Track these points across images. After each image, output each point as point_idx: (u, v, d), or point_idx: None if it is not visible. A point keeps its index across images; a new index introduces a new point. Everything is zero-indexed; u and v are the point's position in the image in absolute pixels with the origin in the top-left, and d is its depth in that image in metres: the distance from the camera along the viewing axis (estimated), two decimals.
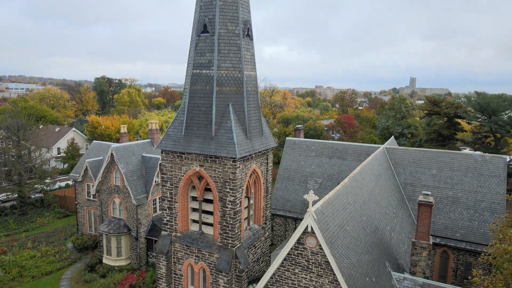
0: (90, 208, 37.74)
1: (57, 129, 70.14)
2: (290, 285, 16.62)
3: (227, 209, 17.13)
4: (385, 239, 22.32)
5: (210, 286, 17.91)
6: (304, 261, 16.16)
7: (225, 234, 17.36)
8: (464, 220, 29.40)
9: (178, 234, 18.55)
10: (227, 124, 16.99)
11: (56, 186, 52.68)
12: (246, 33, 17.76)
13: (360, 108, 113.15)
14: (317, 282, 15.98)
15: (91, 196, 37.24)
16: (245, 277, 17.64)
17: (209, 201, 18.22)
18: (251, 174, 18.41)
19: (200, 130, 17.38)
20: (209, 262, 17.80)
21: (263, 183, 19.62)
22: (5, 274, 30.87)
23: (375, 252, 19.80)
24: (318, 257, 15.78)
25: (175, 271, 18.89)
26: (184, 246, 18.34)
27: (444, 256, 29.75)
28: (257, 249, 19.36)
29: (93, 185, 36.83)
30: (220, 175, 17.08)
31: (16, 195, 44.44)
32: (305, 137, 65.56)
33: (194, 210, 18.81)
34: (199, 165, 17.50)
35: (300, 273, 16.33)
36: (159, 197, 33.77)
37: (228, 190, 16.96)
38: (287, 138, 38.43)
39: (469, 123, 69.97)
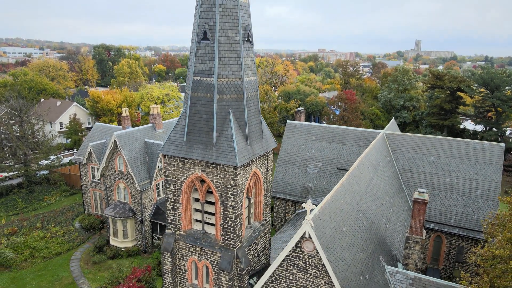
0: (95, 189, 38.79)
1: (58, 103, 70.19)
2: (288, 283, 17.68)
3: (228, 213, 17.86)
4: (381, 232, 23.25)
5: (213, 282, 19.03)
6: (301, 263, 17.09)
7: (226, 236, 18.22)
8: (459, 206, 30.29)
9: (182, 233, 19.44)
10: (228, 132, 17.35)
11: (62, 162, 53.64)
12: (246, 38, 17.69)
13: (364, 75, 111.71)
14: (313, 283, 16.98)
15: (96, 178, 38.15)
16: (246, 275, 18.69)
17: (212, 203, 18.93)
18: (251, 177, 18.98)
19: (202, 137, 17.77)
20: (212, 260, 18.79)
21: (263, 183, 20.23)
22: (17, 255, 32.38)
23: (370, 248, 20.76)
24: (315, 260, 16.67)
25: (179, 266, 19.97)
26: (188, 244, 19.28)
27: (437, 240, 30.93)
28: (257, 245, 20.31)
29: (97, 168, 37.69)
30: (221, 180, 17.67)
31: (22, 173, 45.40)
32: (307, 112, 65.68)
33: (196, 210, 19.57)
34: (201, 170, 18.05)
35: (297, 273, 17.32)
36: (162, 181, 34.65)
37: (229, 195, 17.60)
38: (287, 121, 38.69)
39: (471, 97, 69.55)
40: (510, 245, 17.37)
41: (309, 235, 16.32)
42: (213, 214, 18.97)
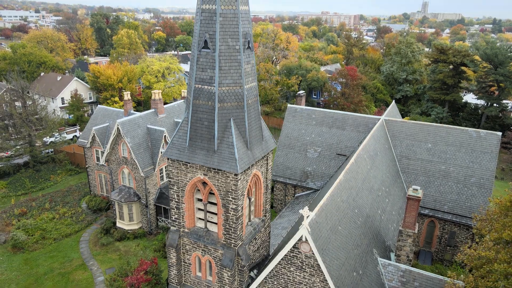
0: (100, 172, 39.80)
1: (59, 78, 69.88)
2: (286, 280, 18.90)
3: (229, 214, 18.78)
4: (375, 224, 24.32)
5: (216, 275, 20.31)
6: (298, 262, 18.21)
7: (228, 235, 19.25)
8: (453, 193, 31.25)
9: (186, 230, 20.49)
10: (229, 139, 17.90)
11: (65, 138, 54.40)
12: (246, 46, 17.81)
13: (368, 45, 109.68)
14: (309, 280, 18.19)
15: (100, 163, 39.03)
16: (246, 270, 19.91)
17: (214, 203, 19.82)
18: (252, 178, 19.73)
19: (204, 143, 18.35)
20: (214, 256, 19.96)
21: (263, 182, 21.01)
22: (28, 237, 33.91)
23: (364, 242, 21.88)
24: (311, 260, 17.77)
25: (184, 260, 21.21)
26: (192, 241, 20.38)
27: (431, 225, 32.16)
28: (257, 240, 21.41)
29: (101, 152, 38.52)
30: (223, 184, 18.44)
31: (28, 153, 46.28)
32: (308, 88, 65.49)
33: (199, 209, 20.50)
34: (203, 174, 18.77)
35: (294, 271, 18.49)
36: (165, 166, 35.55)
37: (230, 199, 18.44)
38: (288, 105, 38.95)
39: (474, 72, 68.98)
40: (497, 246, 18.38)
41: (306, 239, 17.31)
42: (216, 214, 19.92)
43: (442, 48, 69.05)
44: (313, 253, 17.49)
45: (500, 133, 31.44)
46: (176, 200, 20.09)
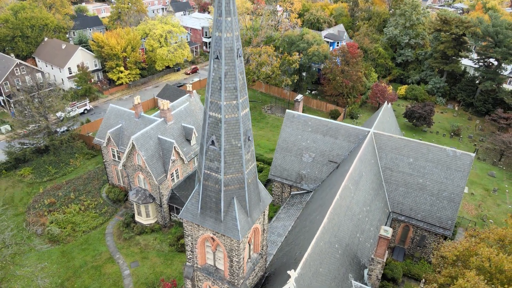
0: (116, 167, 44.29)
1: (63, 46, 70.63)
2: None
3: (233, 263, 23.76)
4: (353, 249, 29.46)
5: None
6: None
7: (232, 277, 24.46)
8: (427, 205, 35.97)
9: (199, 266, 25.71)
10: (233, 213, 22.14)
11: (75, 113, 57.71)
12: (247, 140, 21.15)
13: None
14: None
15: (116, 157, 43.34)
16: None
17: (221, 251, 24.67)
18: (252, 231, 24.31)
19: (212, 213, 22.64)
20: (222, 287, 25.42)
21: (261, 228, 25.65)
22: (61, 230, 39.67)
23: (341, 271, 27.19)
24: None
25: (197, 285, 26.79)
26: (203, 274, 25.70)
27: (405, 228, 37.47)
28: (256, 269, 26.73)
29: (117, 150, 42.64)
30: (228, 244, 23.11)
31: (48, 141, 50.26)
32: (308, 62, 66.63)
33: (209, 252, 25.45)
34: (212, 233, 23.36)
35: None
36: (175, 170, 39.93)
37: (234, 254, 23.26)
38: (287, 110, 41.91)
39: (475, 47, 69.32)
40: None
41: None
42: (222, 257, 24.90)
43: (446, 18, 68.44)
44: None
45: (473, 154, 35.13)
46: (191, 246, 24.97)
